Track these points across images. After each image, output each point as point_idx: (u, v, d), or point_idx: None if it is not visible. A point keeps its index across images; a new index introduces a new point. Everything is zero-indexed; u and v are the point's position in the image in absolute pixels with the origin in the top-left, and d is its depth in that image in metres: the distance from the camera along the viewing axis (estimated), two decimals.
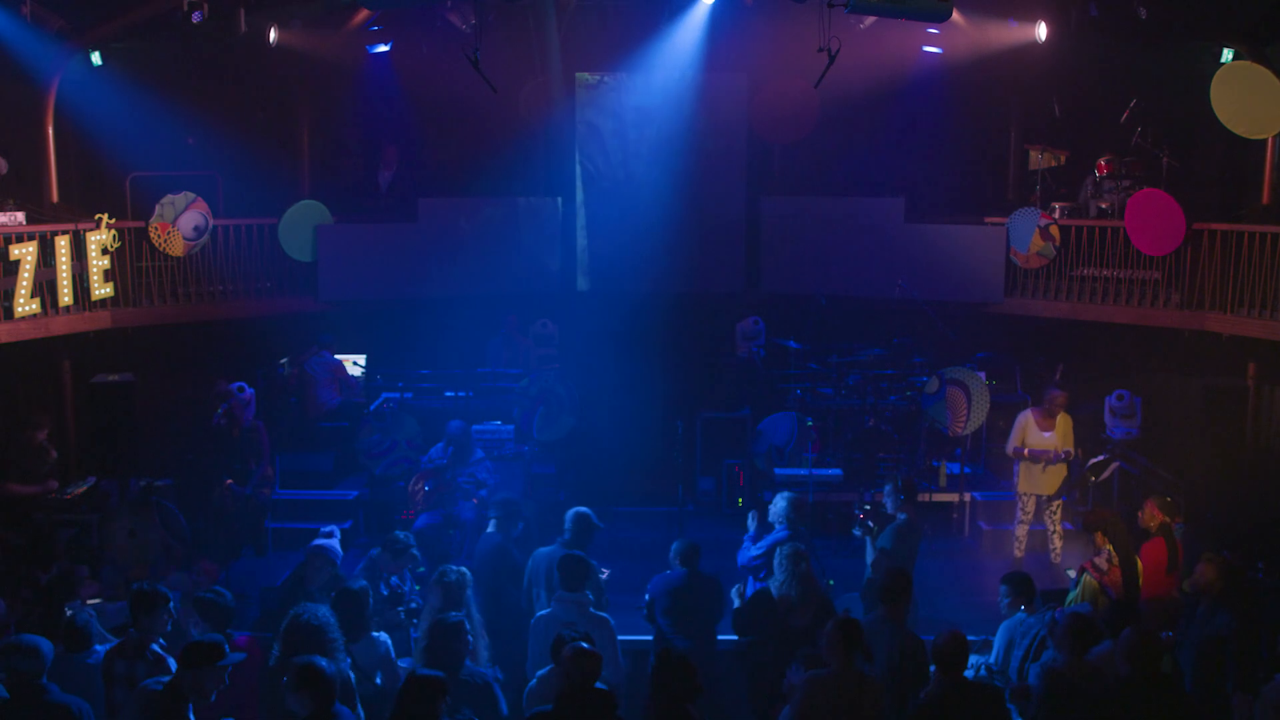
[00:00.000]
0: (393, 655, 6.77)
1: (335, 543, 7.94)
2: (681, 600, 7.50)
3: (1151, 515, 8.56)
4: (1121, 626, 6.41)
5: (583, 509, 8.03)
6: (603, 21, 14.03)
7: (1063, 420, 10.65)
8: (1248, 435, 11.36)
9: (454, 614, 6.51)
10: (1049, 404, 10.63)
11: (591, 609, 7.05)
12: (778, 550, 7.62)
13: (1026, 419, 10.75)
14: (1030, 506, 10.77)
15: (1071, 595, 8.30)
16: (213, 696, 5.77)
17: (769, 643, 7.30)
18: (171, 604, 6.67)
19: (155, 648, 6.41)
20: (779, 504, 8.40)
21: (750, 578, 8.34)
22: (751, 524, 8.64)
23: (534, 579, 7.91)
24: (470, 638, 6.41)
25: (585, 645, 5.90)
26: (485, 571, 7.92)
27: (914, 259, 13.52)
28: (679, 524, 10.62)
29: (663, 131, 14.48)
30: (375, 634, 6.80)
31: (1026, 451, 10.64)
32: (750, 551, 8.34)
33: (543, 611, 7.18)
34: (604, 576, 7.89)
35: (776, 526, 8.35)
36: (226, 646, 5.85)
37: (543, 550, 7.99)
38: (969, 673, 7.13)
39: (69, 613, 7.15)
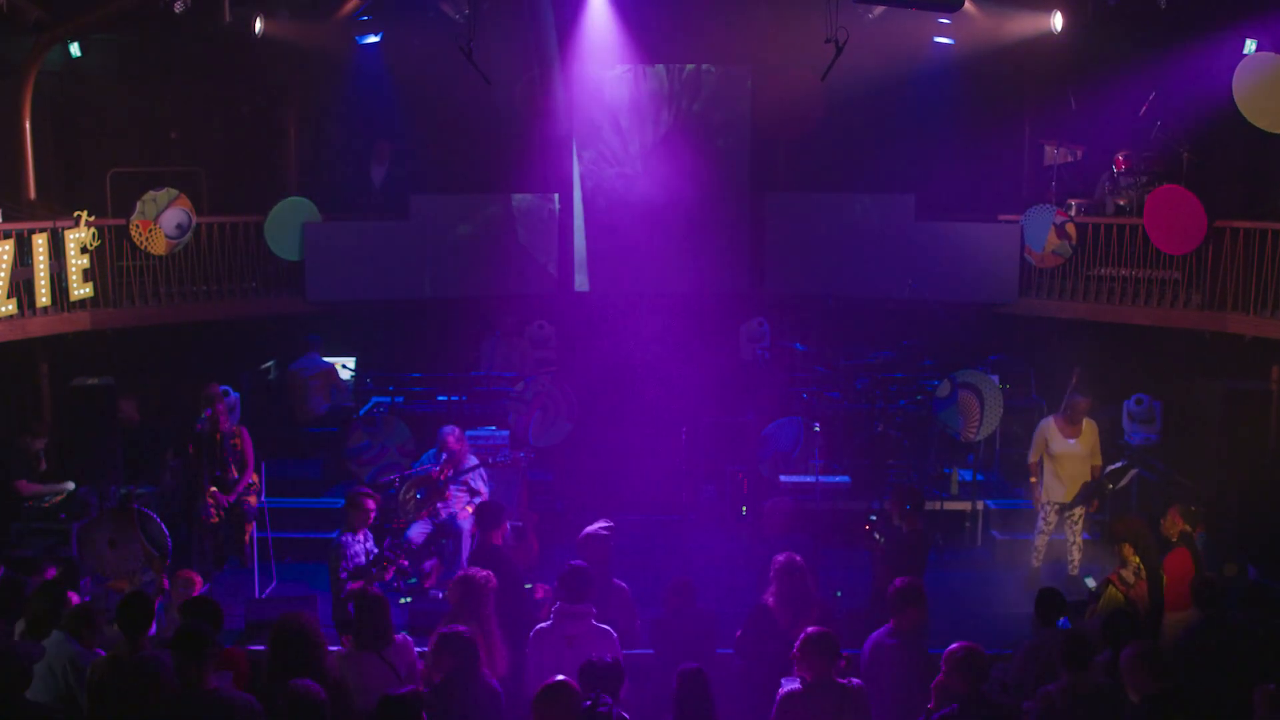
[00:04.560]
0: (414, 652, 6.80)
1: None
2: (678, 637, 7.51)
3: (1173, 523, 8.56)
4: (1131, 639, 6.43)
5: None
6: (602, 12, 14.05)
7: (1088, 427, 10.62)
8: (1271, 440, 11.37)
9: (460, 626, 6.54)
10: (1071, 411, 10.56)
11: (594, 621, 7.06)
12: (772, 562, 7.61)
13: (1049, 427, 10.65)
14: (1052, 517, 10.73)
15: (1093, 608, 8.32)
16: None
17: (774, 662, 7.28)
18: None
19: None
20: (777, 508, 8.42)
21: None
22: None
23: None
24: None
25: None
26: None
27: (925, 258, 13.55)
28: (681, 533, 10.65)
29: (663, 126, 14.51)
30: (399, 635, 6.84)
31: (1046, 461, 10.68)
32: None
33: (543, 624, 7.19)
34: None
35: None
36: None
37: None
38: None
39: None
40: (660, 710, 7.14)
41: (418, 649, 7.09)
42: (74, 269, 12.04)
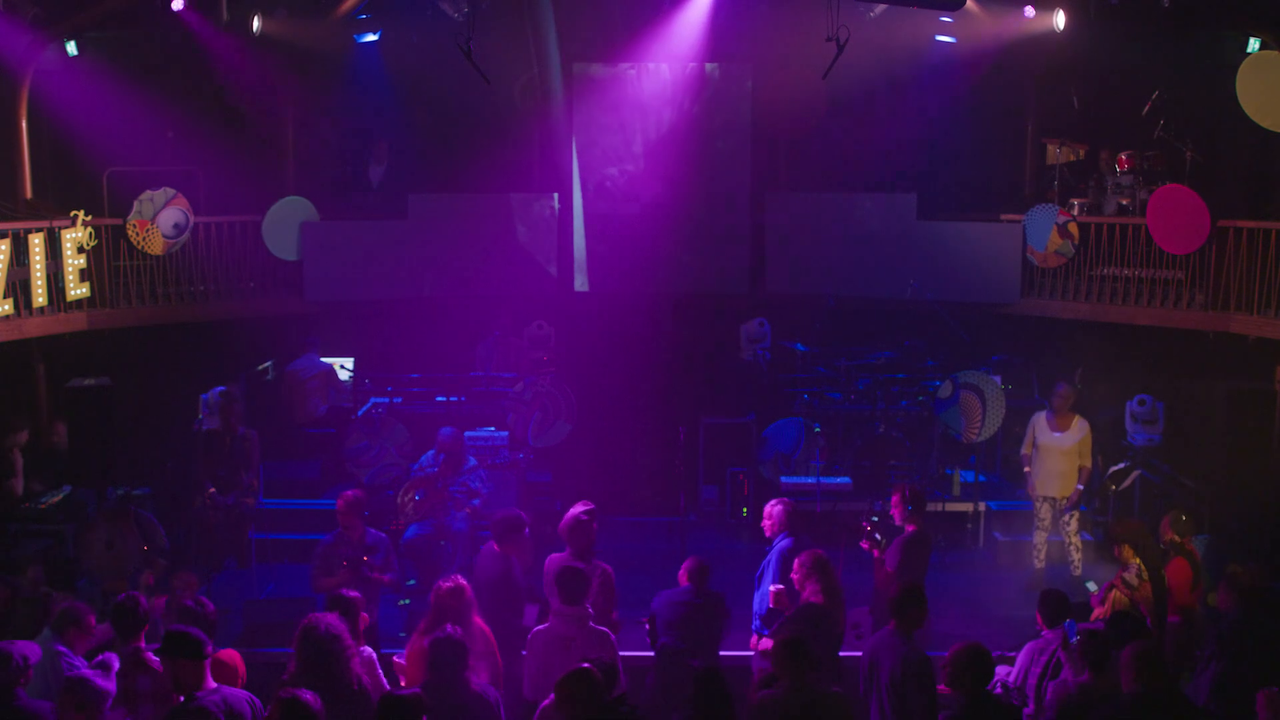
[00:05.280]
0: (379, 669, 6.80)
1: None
2: (685, 618, 7.53)
3: (1163, 532, 8.60)
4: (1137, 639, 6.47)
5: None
6: (602, 10, 14.07)
7: (1078, 425, 10.71)
8: (1274, 441, 11.39)
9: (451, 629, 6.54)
10: (1055, 400, 10.76)
11: (591, 623, 7.07)
12: (796, 560, 7.62)
13: (1039, 419, 10.91)
14: (1045, 512, 10.81)
15: (1099, 612, 8.34)
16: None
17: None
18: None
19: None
20: (776, 511, 8.42)
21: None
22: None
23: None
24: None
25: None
26: (485, 591, 7.92)
27: (926, 258, 13.55)
28: (681, 534, 10.66)
29: (664, 125, 14.52)
30: (361, 647, 6.83)
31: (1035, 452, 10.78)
32: (764, 587, 8.24)
33: (540, 626, 7.20)
34: None
35: (779, 536, 8.36)
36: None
37: (555, 556, 8.03)
38: None
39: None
40: (665, 696, 7.18)
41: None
42: (71, 269, 12.06)
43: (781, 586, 7.83)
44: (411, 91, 14.51)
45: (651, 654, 7.71)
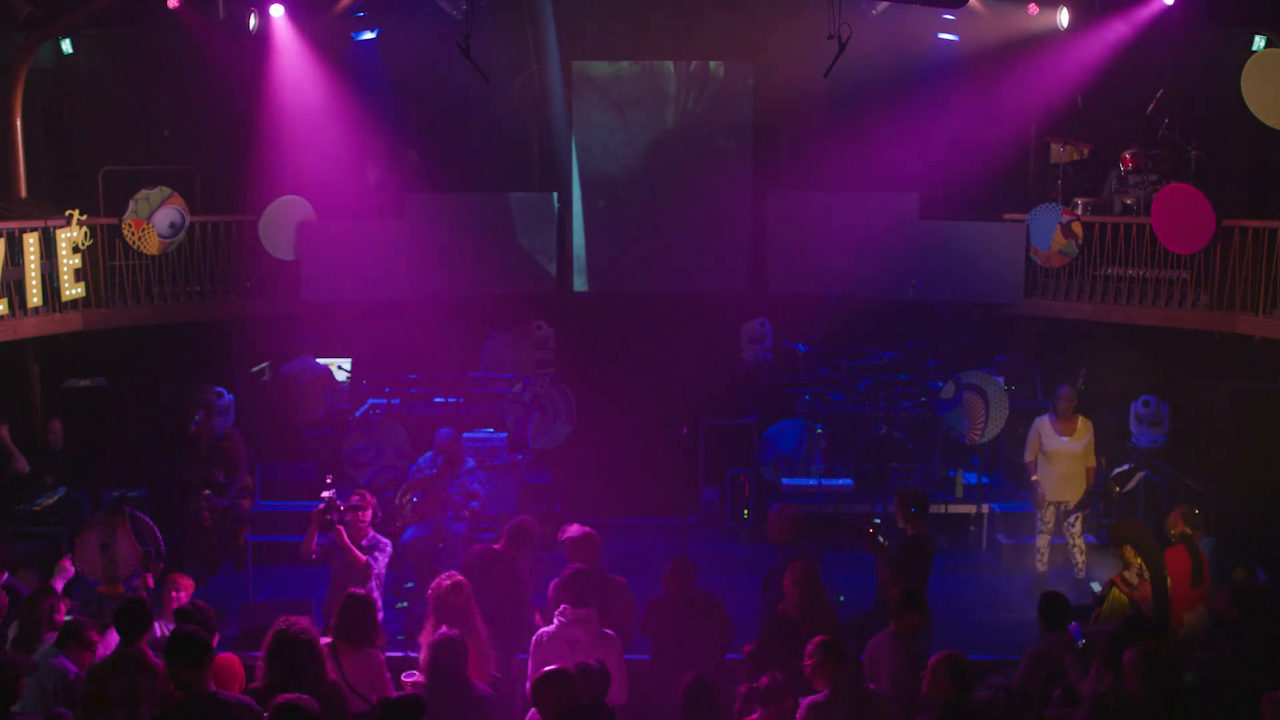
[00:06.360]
0: (385, 672, 6.81)
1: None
2: (664, 624, 7.52)
3: (1173, 524, 8.62)
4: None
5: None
6: (602, 8, 14.08)
7: (1084, 425, 10.73)
8: None
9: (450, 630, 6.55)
10: (1058, 403, 10.75)
11: (596, 625, 7.08)
12: (789, 570, 7.62)
13: (1042, 424, 10.87)
14: (1050, 517, 10.82)
15: (1098, 611, 8.34)
16: None
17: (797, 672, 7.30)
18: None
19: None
20: (785, 518, 8.41)
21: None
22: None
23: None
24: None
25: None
26: (481, 581, 7.92)
27: (929, 258, 13.56)
28: (681, 537, 10.66)
29: (664, 124, 14.54)
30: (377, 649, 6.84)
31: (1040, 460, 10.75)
32: (771, 594, 8.22)
33: (546, 628, 7.21)
34: None
35: (784, 545, 8.34)
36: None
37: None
38: (985, 693, 7.19)
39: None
40: (659, 699, 7.18)
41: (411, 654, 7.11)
42: (65, 269, 12.06)
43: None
44: (410, 90, 14.51)
45: (650, 643, 7.70)
